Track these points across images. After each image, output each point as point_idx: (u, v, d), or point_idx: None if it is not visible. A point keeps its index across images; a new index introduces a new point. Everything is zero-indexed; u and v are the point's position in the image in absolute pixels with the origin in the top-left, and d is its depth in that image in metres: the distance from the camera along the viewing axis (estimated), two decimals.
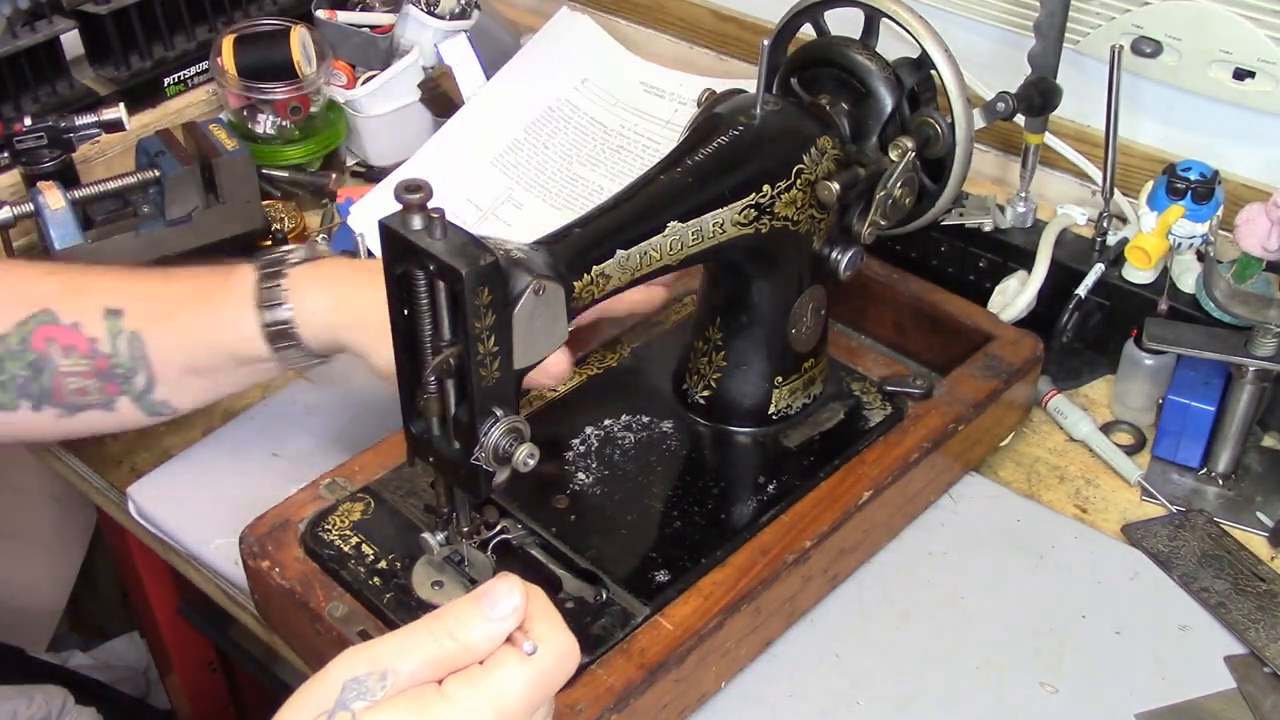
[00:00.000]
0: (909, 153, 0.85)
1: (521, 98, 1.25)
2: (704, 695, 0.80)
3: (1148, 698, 0.81)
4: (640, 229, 0.76)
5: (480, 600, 0.56)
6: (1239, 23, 1.03)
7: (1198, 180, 1.02)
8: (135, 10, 1.30)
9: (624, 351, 0.98)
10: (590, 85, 1.28)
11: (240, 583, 0.87)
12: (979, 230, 1.08)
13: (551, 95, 1.26)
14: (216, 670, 1.40)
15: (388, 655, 0.55)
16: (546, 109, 1.25)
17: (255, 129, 1.23)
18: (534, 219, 1.17)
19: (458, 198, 1.17)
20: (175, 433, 1.01)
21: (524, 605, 0.57)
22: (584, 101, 1.27)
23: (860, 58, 0.88)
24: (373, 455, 0.87)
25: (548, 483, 0.86)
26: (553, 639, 0.58)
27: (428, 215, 0.65)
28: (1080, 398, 1.04)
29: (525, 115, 1.24)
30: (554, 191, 1.19)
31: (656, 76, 1.30)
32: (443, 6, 1.31)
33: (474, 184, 1.19)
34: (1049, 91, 1.00)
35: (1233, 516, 0.94)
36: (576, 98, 1.27)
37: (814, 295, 0.89)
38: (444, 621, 0.56)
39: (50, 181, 1.07)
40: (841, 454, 0.88)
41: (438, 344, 0.68)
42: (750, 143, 0.81)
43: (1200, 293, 0.99)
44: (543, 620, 0.58)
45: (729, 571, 0.79)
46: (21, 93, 1.26)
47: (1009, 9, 1.17)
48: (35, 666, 1.56)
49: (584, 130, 1.24)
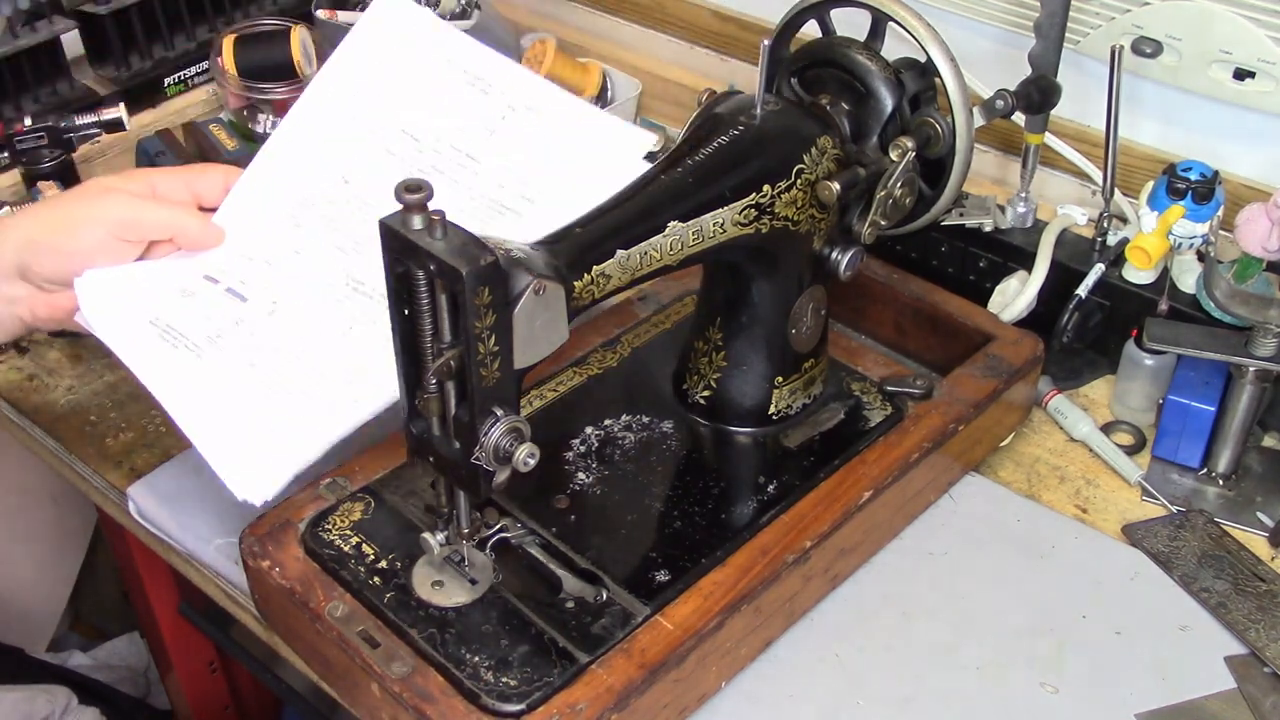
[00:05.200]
0: (909, 153, 0.85)
1: (322, 121, 0.96)
2: (704, 695, 0.80)
3: (1148, 698, 0.81)
4: (640, 229, 0.76)
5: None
6: (1239, 23, 1.03)
7: (1198, 180, 1.02)
8: (135, 10, 1.30)
9: (624, 351, 0.98)
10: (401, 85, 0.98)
11: (240, 583, 0.87)
12: (979, 230, 1.08)
13: (355, 109, 0.97)
14: (216, 670, 1.40)
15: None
16: (349, 127, 0.97)
17: (255, 129, 1.23)
18: (316, 263, 0.91)
19: (231, 255, 0.90)
20: (175, 433, 1.01)
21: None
22: (392, 108, 0.97)
23: (860, 58, 0.88)
24: (373, 455, 0.87)
25: (548, 483, 0.86)
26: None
27: (428, 215, 0.65)
28: (1080, 398, 1.04)
29: (324, 143, 0.96)
30: (346, 233, 0.93)
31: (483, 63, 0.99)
32: (443, 6, 1.31)
33: (256, 240, 0.92)
34: (1048, 89, 1.00)
35: (1233, 517, 0.94)
36: (384, 104, 0.98)
37: (814, 295, 0.89)
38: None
39: (50, 181, 1.07)
40: (841, 454, 0.88)
41: (438, 344, 0.68)
42: (750, 143, 0.81)
43: (1200, 293, 0.99)
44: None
45: (729, 571, 0.79)
46: (22, 93, 1.26)
47: (1009, 9, 1.17)
48: (35, 666, 1.56)
49: (392, 149, 0.96)
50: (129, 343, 0.85)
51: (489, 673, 0.73)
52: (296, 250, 0.91)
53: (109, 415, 1.03)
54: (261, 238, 0.91)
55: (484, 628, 0.76)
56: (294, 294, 0.89)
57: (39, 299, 0.85)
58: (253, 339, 0.86)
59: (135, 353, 0.85)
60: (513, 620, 0.76)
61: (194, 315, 0.87)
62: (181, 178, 0.89)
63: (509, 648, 0.74)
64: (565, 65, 1.33)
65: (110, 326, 0.85)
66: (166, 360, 0.85)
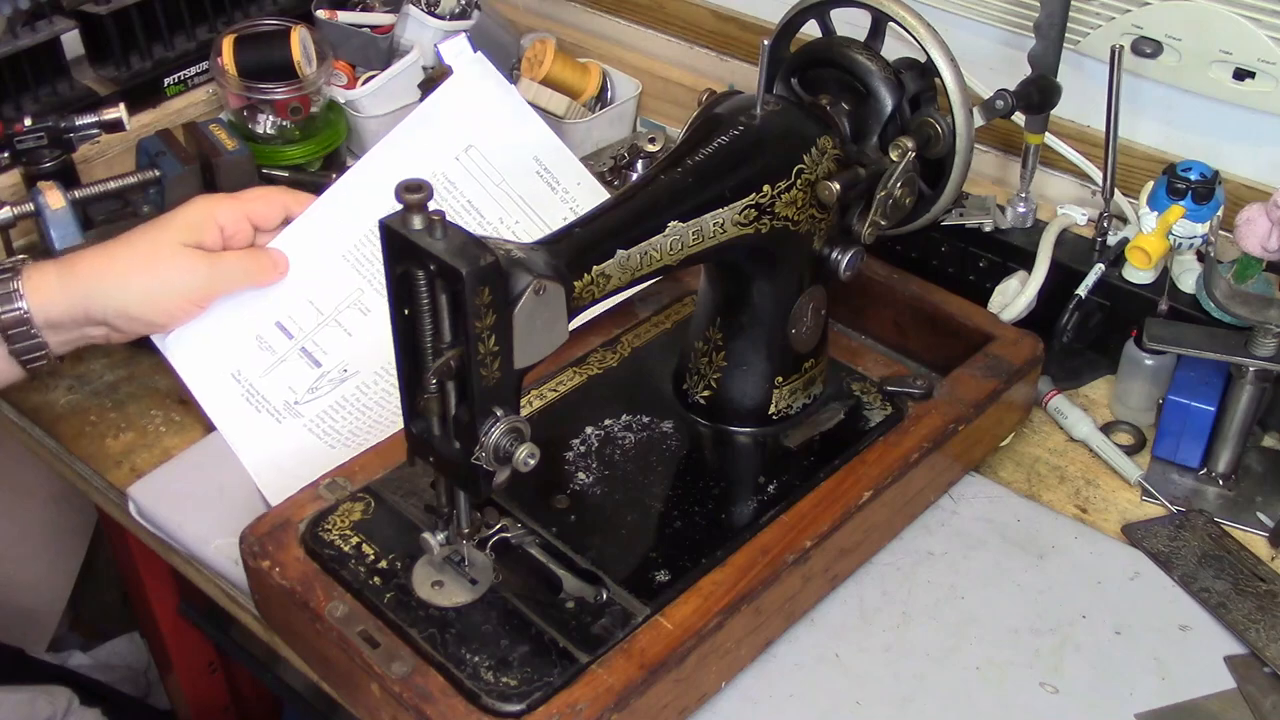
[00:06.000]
0: (909, 153, 0.85)
1: (397, 170, 1.00)
2: (704, 695, 0.80)
3: (1148, 698, 0.81)
4: (640, 229, 0.76)
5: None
6: (1239, 23, 1.03)
7: (1198, 180, 1.02)
8: (135, 10, 1.30)
9: (624, 351, 0.98)
10: (475, 153, 1.04)
11: (240, 583, 0.87)
12: (979, 230, 1.08)
13: (428, 167, 1.03)
14: (216, 670, 1.40)
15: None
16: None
17: (255, 129, 1.23)
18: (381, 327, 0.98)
19: (298, 300, 0.99)
20: (175, 433, 1.01)
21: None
22: (462, 176, 1.03)
23: (861, 58, 0.88)
24: (373, 455, 0.87)
25: (548, 483, 0.86)
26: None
27: (428, 215, 0.65)
28: (1080, 398, 1.04)
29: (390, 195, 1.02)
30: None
31: (553, 155, 1.06)
32: (443, 6, 1.31)
33: (320, 283, 0.99)
34: (1048, 89, 1.00)
35: (1233, 517, 0.94)
36: (455, 171, 1.03)
37: (814, 295, 0.89)
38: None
39: (51, 181, 1.07)
40: (841, 454, 0.88)
41: (438, 344, 0.68)
42: (750, 143, 0.81)
43: (1200, 293, 0.99)
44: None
45: (729, 571, 0.79)
46: (22, 93, 1.25)
47: (1009, 9, 1.17)
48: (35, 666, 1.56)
49: (455, 217, 1.01)
50: (216, 401, 0.96)
51: (489, 673, 0.73)
52: (362, 308, 0.99)
53: (109, 415, 1.03)
54: (324, 277, 1.00)
55: (484, 628, 0.76)
56: (362, 359, 0.98)
57: (117, 336, 0.93)
58: (326, 404, 0.97)
59: (222, 410, 0.96)
60: (513, 620, 0.76)
61: (275, 378, 0.97)
62: (243, 209, 0.96)
63: (509, 648, 0.74)
64: (565, 65, 1.33)
65: (198, 381, 0.97)
66: (250, 424, 0.96)
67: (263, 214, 0.97)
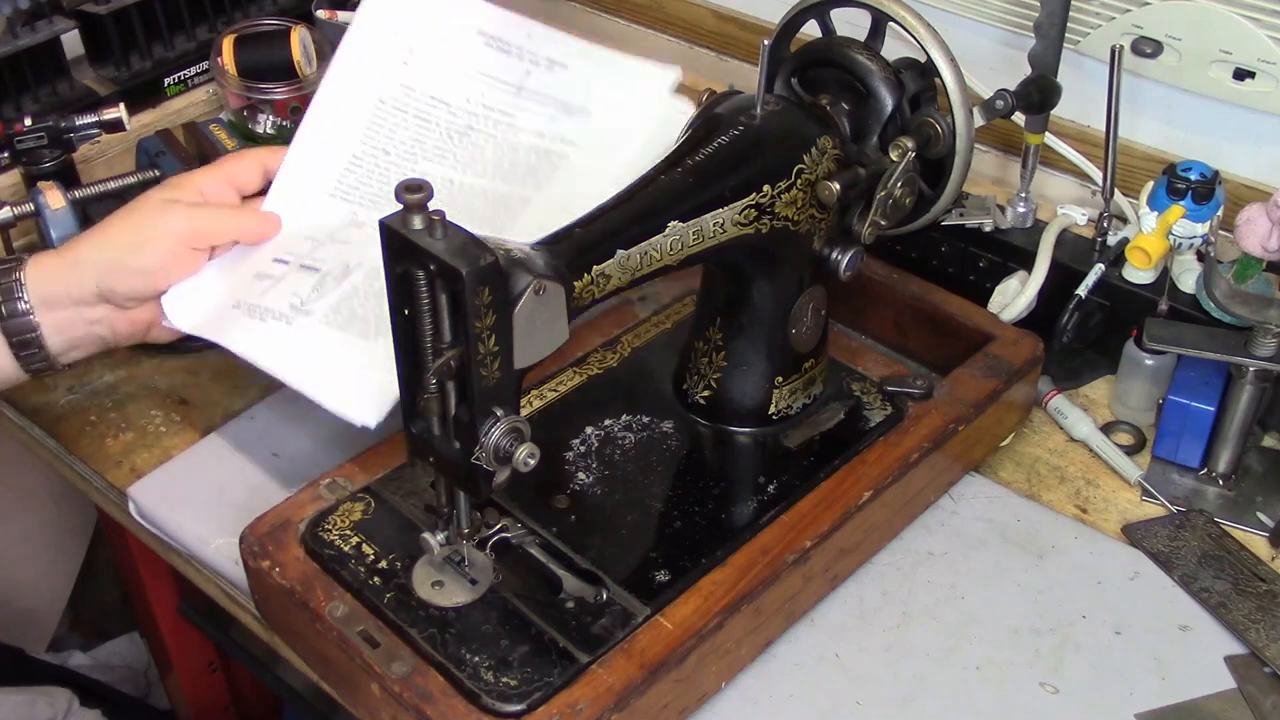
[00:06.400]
0: (909, 153, 0.85)
1: (350, 102, 1.01)
2: (704, 695, 0.80)
3: (1148, 698, 0.81)
4: (640, 229, 0.76)
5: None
6: (1239, 23, 1.03)
7: (1198, 180, 1.02)
8: (135, 10, 1.30)
9: (624, 351, 0.98)
10: (420, 56, 1.02)
11: (240, 583, 0.87)
12: (979, 230, 1.08)
13: (379, 85, 1.01)
14: (216, 670, 1.40)
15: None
16: (378, 104, 1.01)
17: (255, 129, 1.23)
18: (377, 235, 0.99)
19: (295, 238, 0.96)
20: (175, 433, 1.01)
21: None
22: (416, 79, 1.02)
23: (861, 58, 0.88)
24: (373, 455, 0.87)
25: (548, 483, 0.86)
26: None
27: (428, 215, 0.65)
28: (1080, 398, 1.04)
29: (357, 122, 1.01)
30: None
31: (495, 25, 1.04)
32: None
33: (314, 222, 0.97)
34: (1048, 89, 1.00)
35: (1233, 517, 0.94)
36: (407, 77, 1.02)
37: (814, 295, 0.89)
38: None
39: (51, 181, 1.07)
40: (841, 454, 0.88)
41: (438, 344, 0.68)
42: (750, 143, 0.81)
43: (1200, 293, 0.99)
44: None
45: (729, 571, 0.79)
46: (22, 93, 1.26)
47: (1009, 9, 1.17)
48: (35, 667, 1.56)
49: (425, 116, 1.01)
50: (221, 329, 0.90)
51: (489, 673, 0.73)
52: (357, 223, 0.97)
53: (109, 415, 1.03)
54: (316, 217, 0.96)
55: (484, 628, 0.76)
56: (364, 255, 0.93)
57: (119, 317, 0.90)
58: (335, 298, 0.91)
59: (229, 334, 0.90)
60: (513, 620, 0.76)
61: (276, 292, 0.92)
62: (221, 173, 0.94)
63: (509, 648, 0.74)
64: None
65: (201, 323, 0.91)
66: (260, 333, 0.90)
67: (241, 175, 0.95)
